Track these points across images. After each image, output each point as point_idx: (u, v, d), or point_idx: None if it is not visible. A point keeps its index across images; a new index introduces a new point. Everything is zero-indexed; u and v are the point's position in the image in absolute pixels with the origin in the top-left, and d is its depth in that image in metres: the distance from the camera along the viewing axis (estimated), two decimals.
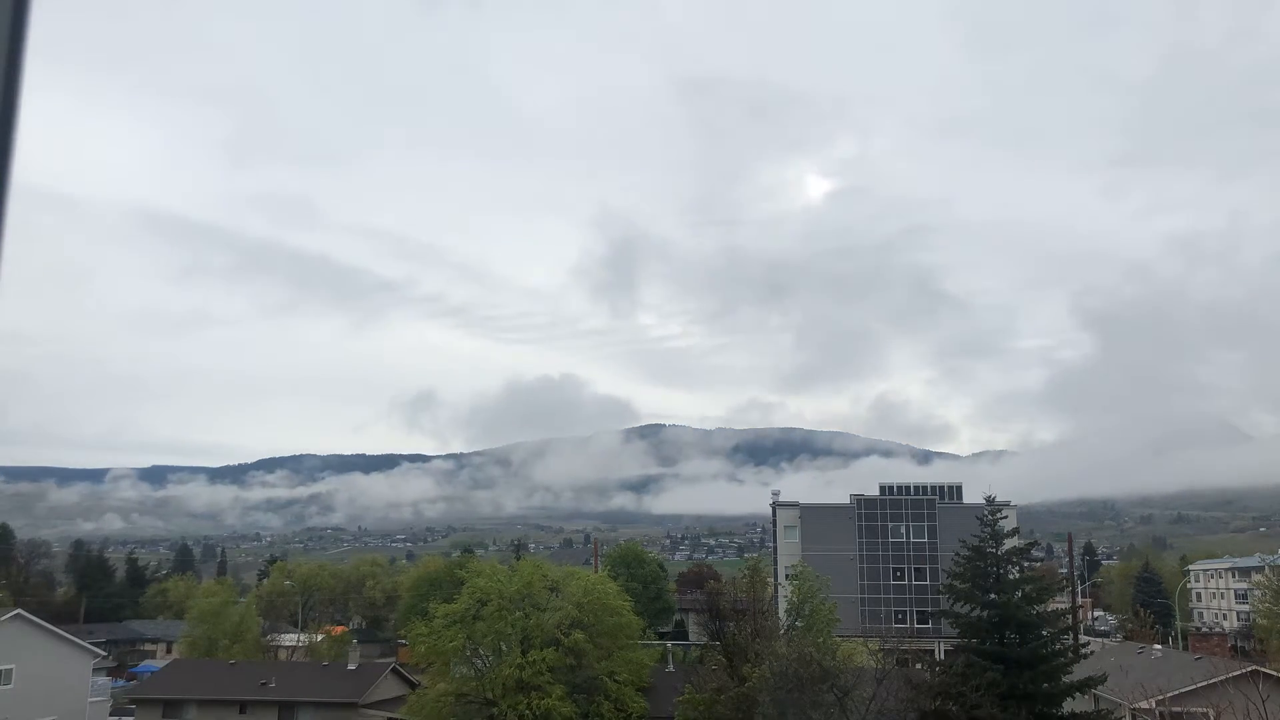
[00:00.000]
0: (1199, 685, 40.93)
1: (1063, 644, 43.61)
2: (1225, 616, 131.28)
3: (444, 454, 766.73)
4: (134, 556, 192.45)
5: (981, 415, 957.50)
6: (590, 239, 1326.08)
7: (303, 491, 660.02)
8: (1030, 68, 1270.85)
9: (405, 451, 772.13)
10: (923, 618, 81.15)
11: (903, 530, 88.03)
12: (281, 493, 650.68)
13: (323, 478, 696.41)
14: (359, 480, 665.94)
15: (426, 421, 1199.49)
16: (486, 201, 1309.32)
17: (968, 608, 43.10)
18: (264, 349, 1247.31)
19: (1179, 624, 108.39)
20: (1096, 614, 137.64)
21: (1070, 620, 54.94)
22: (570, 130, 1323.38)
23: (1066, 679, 41.17)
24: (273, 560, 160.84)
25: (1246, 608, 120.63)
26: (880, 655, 42.48)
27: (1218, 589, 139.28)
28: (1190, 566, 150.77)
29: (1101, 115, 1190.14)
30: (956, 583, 43.84)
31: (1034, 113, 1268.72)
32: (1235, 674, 43.07)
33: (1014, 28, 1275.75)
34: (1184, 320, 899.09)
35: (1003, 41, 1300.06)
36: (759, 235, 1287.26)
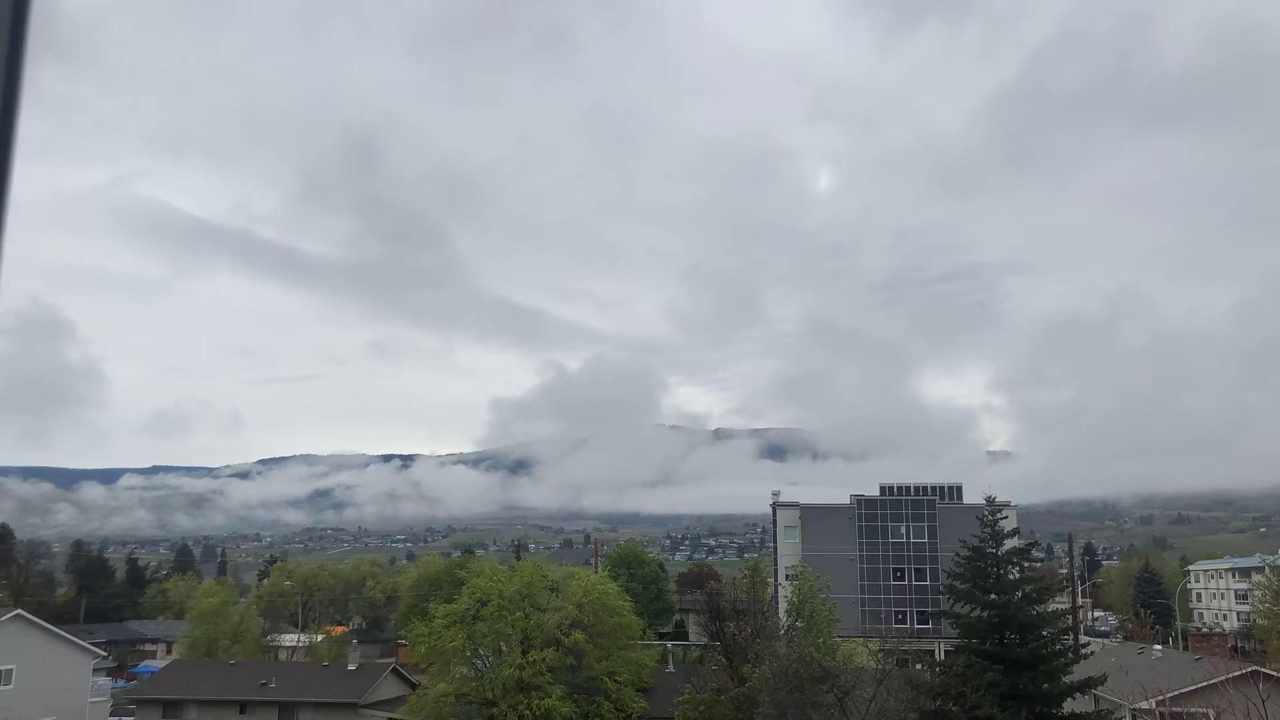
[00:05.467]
0: (1199, 685, 40.93)
1: (1063, 644, 43.63)
2: (1225, 617, 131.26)
3: (445, 454, 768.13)
4: (134, 557, 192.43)
5: (981, 415, 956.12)
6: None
7: (303, 491, 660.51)
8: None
9: (406, 452, 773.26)
10: (923, 618, 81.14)
11: (903, 530, 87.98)
12: (282, 493, 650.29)
13: (323, 478, 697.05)
14: (359, 480, 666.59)
15: (430, 423, 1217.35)
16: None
17: (968, 608, 43.08)
18: (277, 352, 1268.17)
19: (1179, 624, 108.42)
20: (1097, 614, 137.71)
21: (1070, 620, 54.93)
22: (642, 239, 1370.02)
23: (1067, 679, 41.17)
24: (273, 560, 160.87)
25: (1246, 608, 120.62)
26: (880, 656, 42.45)
27: (1218, 589, 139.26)
28: (1190, 567, 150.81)
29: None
30: (957, 583, 43.84)
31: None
32: (1235, 674, 43.08)
33: None
34: (1185, 320, 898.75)
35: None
36: (777, 241, 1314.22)
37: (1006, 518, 47.46)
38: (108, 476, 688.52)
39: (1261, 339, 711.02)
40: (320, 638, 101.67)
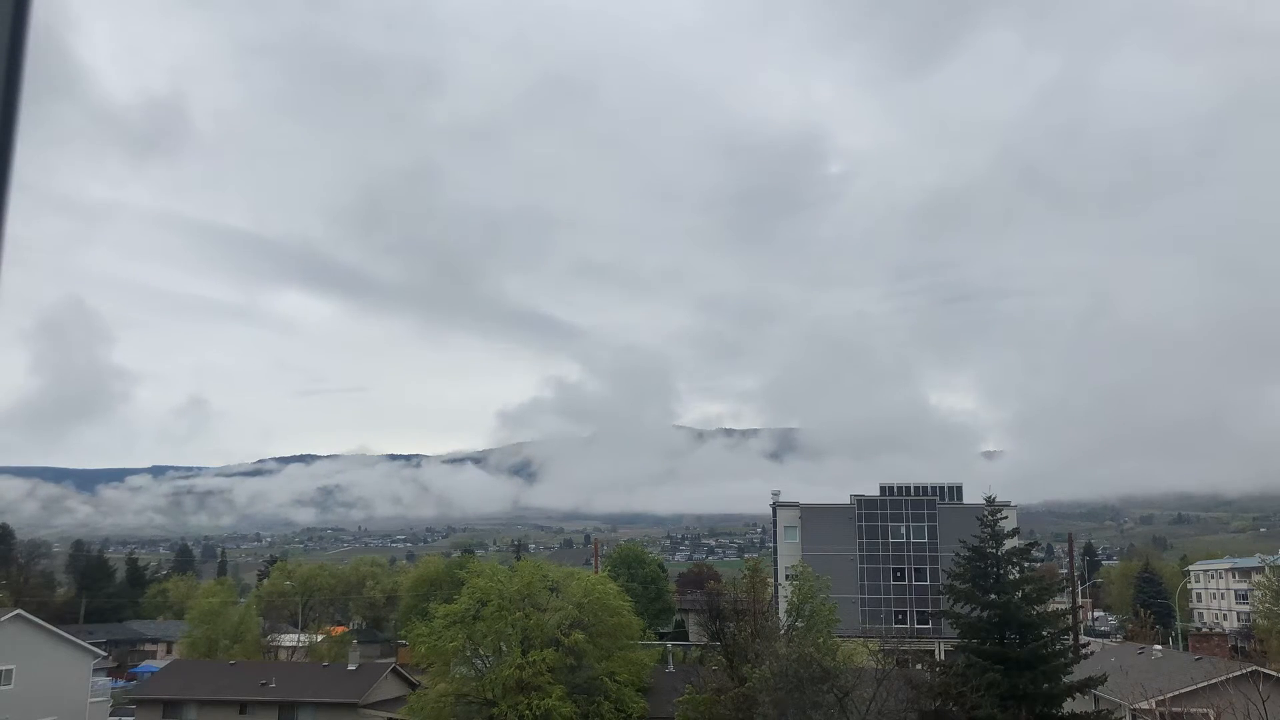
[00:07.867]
0: (1199, 686, 40.92)
1: (1063, 644, 43.64)
2: (1225, 617, 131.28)
3: (445, 455, 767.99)
4: (134, 557, 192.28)
5: (981, 417, 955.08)
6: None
7: (304, 490, 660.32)
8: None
9: (405, 452, 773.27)
10: (923, 618, 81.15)
11: (903, 530, 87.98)
12: (286, 492, 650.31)
13: (323, 478, 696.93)
14: (360, 480, 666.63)
15: (441, 426, 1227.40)
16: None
17: (968, 608, 43.09)
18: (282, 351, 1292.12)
19: (1179, 624, 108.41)
20: (1097, 614, 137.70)
21: (1070, 621, 54.96)
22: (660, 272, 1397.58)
23: (1067, 679, 41.19)
24: (273, 560, 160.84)
25: (1246, 608, 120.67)
26: (880, 656, 42.44)
27: (1218, 589, 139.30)
28: (1190, 567, 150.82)
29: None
30: (957, 583, 43.84)
31: None
32: (1235, 674, 43.07)
33: None
34: (1185, 321, 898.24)
35: None
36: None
37: (1006, 518, 47.45)
38: (117, 476, 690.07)
39: (1261, 340, 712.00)
40: (320, 638, 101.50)
